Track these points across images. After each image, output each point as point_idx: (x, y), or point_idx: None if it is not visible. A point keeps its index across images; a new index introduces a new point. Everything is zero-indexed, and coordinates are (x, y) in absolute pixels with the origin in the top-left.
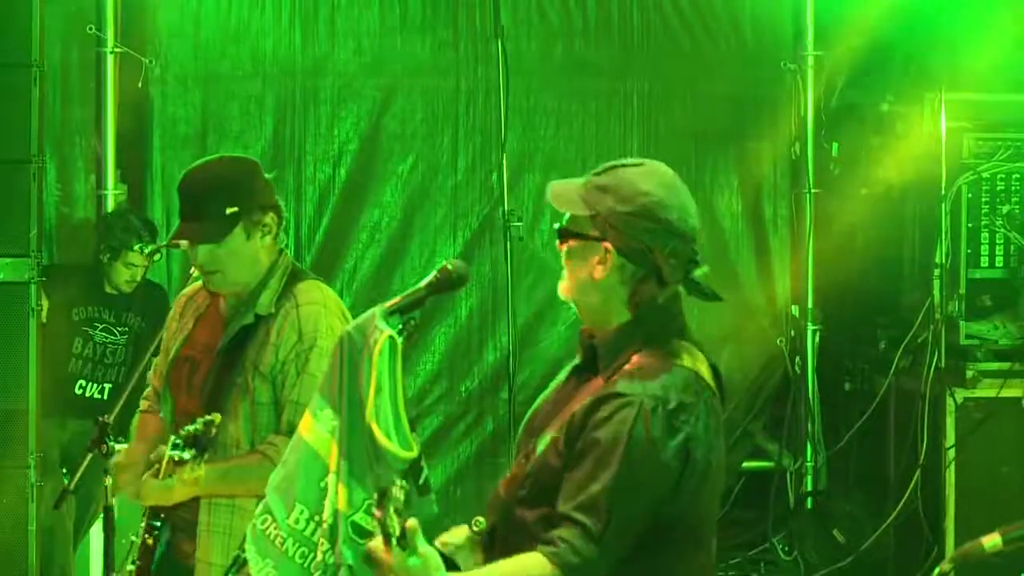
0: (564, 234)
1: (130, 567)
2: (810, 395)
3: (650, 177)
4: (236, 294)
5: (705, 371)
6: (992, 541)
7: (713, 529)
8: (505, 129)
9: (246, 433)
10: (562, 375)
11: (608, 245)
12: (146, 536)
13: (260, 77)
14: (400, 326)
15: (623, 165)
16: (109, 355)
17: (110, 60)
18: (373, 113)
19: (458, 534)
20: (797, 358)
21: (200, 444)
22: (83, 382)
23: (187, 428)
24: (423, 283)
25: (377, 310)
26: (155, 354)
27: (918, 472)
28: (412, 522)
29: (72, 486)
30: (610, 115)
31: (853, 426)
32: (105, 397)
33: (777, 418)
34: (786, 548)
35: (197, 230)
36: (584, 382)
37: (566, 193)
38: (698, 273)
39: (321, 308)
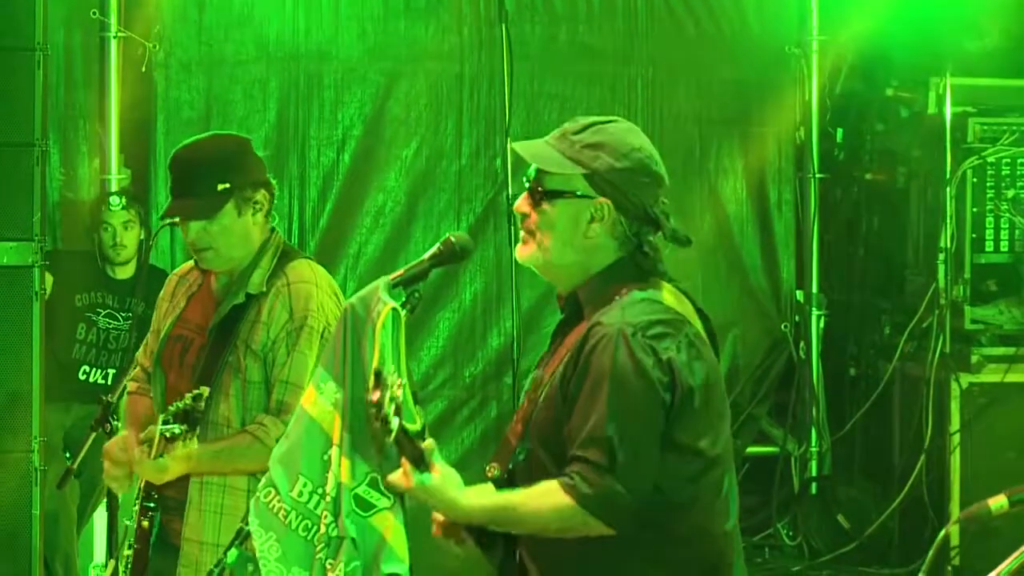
0: (548, 195)
1: (127, 551)
2: (815, 380)
3: (633, 133)
4: (227, 272)
5: (689, 312)
6: (998, 503)
7: (728, 478)
8: (509, 114)
9: (237, 412)
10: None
11: (606, 202)
12: (141, 519)
13: (264, 61)
14: (404, 298)
15: (601, 122)
16: (113, 340)
17: (113, 45)
18: (377, 98)
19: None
20: (802, 343)
21: (191, 419)
22: (87, 367)
23: (176, 404)
24: (427, 255)
25: (381, 282)
26: None
27: (922, 457)
28: (430, 442)
29: (75, 466)
30: (614, 100)
31: (858, 411)
32: (109, 382)
33: (782, 403)
34: (790, 533)
35: (189, 207)
36: (571, 331)
37: (547, 154)
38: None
39: (312, 287)
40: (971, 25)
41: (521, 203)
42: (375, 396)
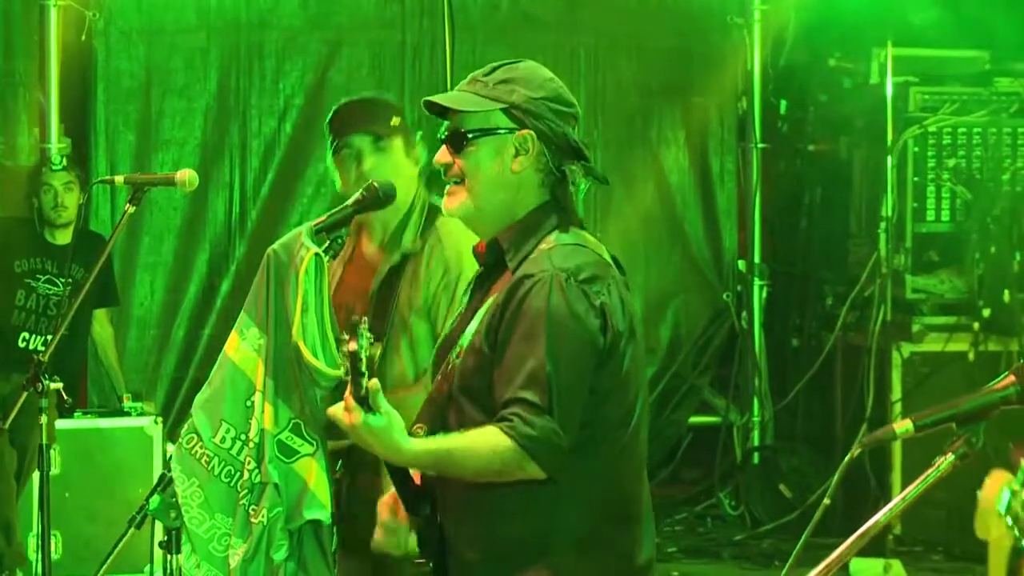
0: (470, 136)
1: None
2: (757, 350)
3: (543, 69)
4: (379, 233)
5: (608, 257)
6: (904, 427)
7: (645, 424)
8: (451, 84)
9: (410, 369)
10: (466, 299)
11: (529, 133)
12: None
13: (204, 30)
14: (326, 244)
15: (509, 63)
16: (52, 307)
17: (53, 13)
18: (318, 67)
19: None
20: (744, 313)
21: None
22: (26, 334)
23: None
24: (350, 201)
25: (304, 228)
26: (96, 304)
27: (864, 426)
28: (374, 382)
29: (6, 426)
30: (556, 69)
31: (800, 381)
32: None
33: (724, 373)
34: (733, 503)
35: (365, 130)
36: (492, 284)
37: (462, 97)
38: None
39: (463, 237)
40: None
41: (441, 154)
42: (351, 346)
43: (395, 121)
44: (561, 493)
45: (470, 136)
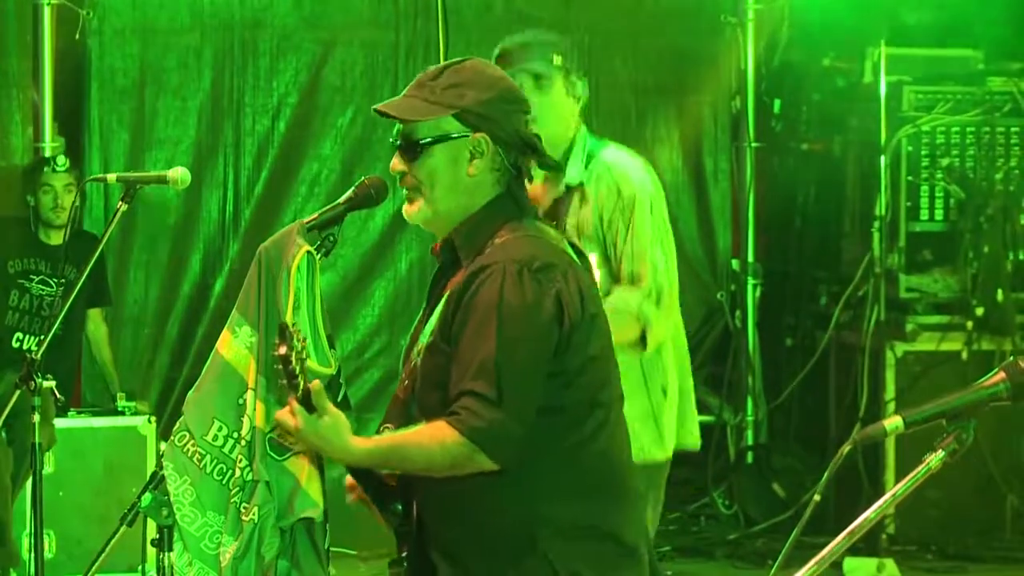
0: (423, 145)
1: None
2: (750, 349)
3: (491, 66)
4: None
5: (567, 248)
6: (893, 423)
7: (619, 407)
8: None
9: None
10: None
11: (483, 136)
12: None
13: (198, 29)
14: (318, 242)
15: (456, 63)
16: (46, 307)
17: (47, 12)
18: (312, 66)
19: None
20: (738, 312)
21: None
22: (20, 335)
23: None
24: (342, 199)
25: (296, 225)
26: (90, 303)
27: (858, 426)
28: (316, 383)
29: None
30: None
31: (794, 380)
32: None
33: (717, 372)
34: (726, 502)
35: (526, 68)
36: (448, 282)
37: (411, 104)
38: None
39: (630, 164)
40: None
41: (395, 163)
42: (281, 350)
43: (557, 60)
44: (536, 481)
45: (423, 144)
